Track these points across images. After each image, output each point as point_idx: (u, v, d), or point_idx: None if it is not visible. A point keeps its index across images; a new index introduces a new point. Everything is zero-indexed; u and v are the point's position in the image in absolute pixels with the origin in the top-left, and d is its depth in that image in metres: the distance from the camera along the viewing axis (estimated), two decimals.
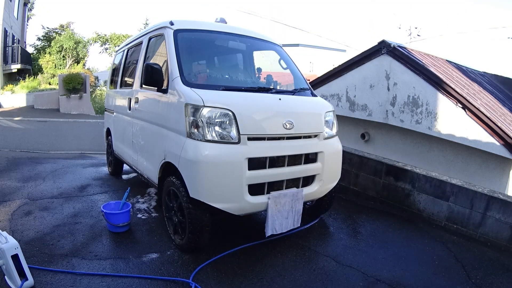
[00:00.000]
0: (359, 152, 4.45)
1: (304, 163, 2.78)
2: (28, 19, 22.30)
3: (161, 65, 2.86)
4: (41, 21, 47.52)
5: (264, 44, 3.60)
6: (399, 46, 5.92)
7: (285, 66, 3.48)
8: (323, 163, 2.86)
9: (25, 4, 20.55)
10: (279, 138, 2.64)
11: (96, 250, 2.69)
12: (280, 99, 2.78)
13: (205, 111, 2.39)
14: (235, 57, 3.72)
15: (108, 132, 4.81)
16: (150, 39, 3.43)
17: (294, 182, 2.77)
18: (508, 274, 2.68)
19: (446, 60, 7.35)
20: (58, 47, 19.64)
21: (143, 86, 3.03)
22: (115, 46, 21.44)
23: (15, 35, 18.06)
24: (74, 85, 13.88)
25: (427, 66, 5.63)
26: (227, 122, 2.43)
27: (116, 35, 22.34)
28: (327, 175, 2.94)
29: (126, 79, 4.13)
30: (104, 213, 2.97)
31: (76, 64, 19.79)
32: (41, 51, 20.30)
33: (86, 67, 20.66)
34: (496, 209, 3.18)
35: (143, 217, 3.38)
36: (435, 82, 5.42)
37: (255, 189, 2.52)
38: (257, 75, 3.67)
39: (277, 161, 2.63)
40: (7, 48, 16.53)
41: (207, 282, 2.30)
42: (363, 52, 6.39)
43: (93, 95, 17.79)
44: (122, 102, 3.98)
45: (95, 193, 4.08)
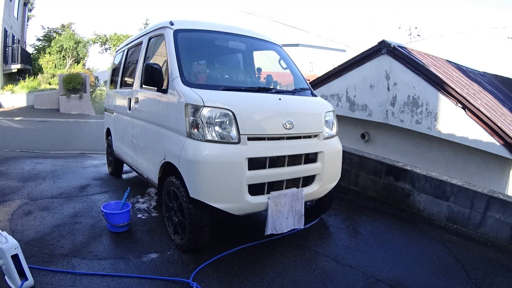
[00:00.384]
0: (359, 152, 4.45)
1: (304, 163, 2.78)
2: (28, 19, 22.30)
3: (161, 65, 2.86)
4: (41, 21, 47.61)
5: (264, 44, 3.60)
6: (399, 46, 5.92)
7: (285, 66, 3.48)
8: (323, 163, 2.86)
9: (25, 4, 20.54)
10: (279, 138, 2.64)
11: (96, 250, 2.69)
12: (280, 99, 2.78)
13: (205, 111, 2.39)
14: (235, 57, 3.72)
15: (108, 132, 4.81)
16: (150, 39, 3.43)
17: (294, 182, 2.77)
18: (508, 274, 2.68)
19: (446, 60, 7.35)
20: (58, 47, 19.65)
21: (143, 86, 3.03)
22: (115, 46, 21.44)
23: (15, 35, 18.06)
24: (74, 85, 13.89)
25: (427, 66, 5.63)
26: (227, 122, 2.43)
27: (116, 35, 22.34)
28: (327, 175, 2.94)
29: (126, 79, 4.13)
30: (104, 213, 2.97)
31: (76, 64, 19.80)
32: (41, 51, 20.31)
33: (86, 67, 20.67)
34: (496, 209, 3.18)
35: (143, 217, 3.38)
36: (435, 82, 5.42)
37: (255, 189, 2.53)
38: (257, 75, 3.67)
39: (277, 161, 2.63)
40: (7, 48, 16.53)
41: (207, 282, 2.31)
42: (363, 52, 6.39)
43: (93, 95, 17.81)
44: (122, 102, 3.98)
45: (95, 193, 4.08)
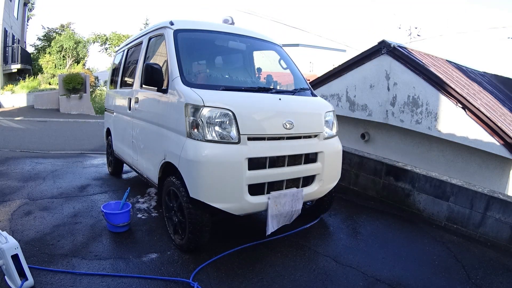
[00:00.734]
0: (359, 152, 4.45)
1: (304, 163, 2.78)
2: (28, 19, 22.32)
3: (161, 65, 2.86)
4: (41, 21, 47.60)
5: (264, 44, 3.60)
6: (399, 46, 5.92)
7: (285, 66, 3.48)
8: (323, 163, 2.86)
9: (25, 4, 20.55)
10: (279, 138, 2.64)
11: (96, 250, 2.69)
12: (280, 99, 2.78)
13: (205, 111, 2.39)
14: (235, 57, 3.72)
15: (108, 132, 4.81)
16: (150, 39, 3.43)
17: (294, 182, 2.77)
18: (508, 274, 2.68)
19: (446, 60, 7.35)
20: (58, 47, 19.64)
21: (143, 86, 3.03)
22: (115, 46, 21.43)
23: (15, 35, 18.06)
24: (74, 85, 13.88)
25: (427, 66, 5.63)
26: (227, 122, 2.43)
27: (116, 35, 22.33)
28: (327, 175, 2.94)
29: (126, 79, 4.13)
30: (104, 213, 2.97)
31: (76, 64, 19.79)
32: (41, 51, 20.31)
33: (86, 67, 20.66)
34: (496, 209, 3.18)
35: (143, 217, 3.38)
36: (435, 82, 5.42)
37: (255, 189, 2.52)
38: (257, 75, 3.67)
39: (277, 161, 2.63)
40: (7, 48, 16.54)
41: (207, 282, 2.31)
42: (363, 52, 6.39)
43: (93, 95, 17.79)
44: (122, 102, 3.98)
45: (95, 193, 4.08)
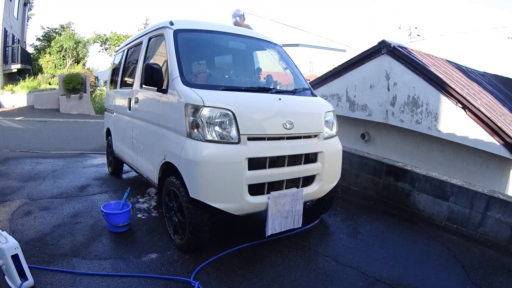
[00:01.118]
0: (359, 152, 4.45)
1: (304, 163, 2.78)
2: (28, 19, 22.32)
3: (161, 65, 2.86)
4: (41, 21, 47.59)
5: (264, 44, 3.60)
6: (399, 46, 5.92)
7: (285, 66, 3.48)
8: (323, 163, 2.86)
9: (25, 4, 20.55)
10: (279, 138, 2.64)
11: (96, 250, 2.69)
12: (280, 99, 2.78)
13: (205, 111, 2.39)
14: (235, 57, 3.72)
15: (108, 132, 4.81)
16: (150, 39, 3.42)
17: (294, 182, 2.77)
18: (508, 274, 2.68)
19: (446, 60, 7.35)
20: (58, 47, 19.64)
21: (143, 86, 3.03)
22: (115, 46, 21.44)
23: (15, 35, 18.06)
24: (74, 85, 13.87)
25: (427, 66, 5.63)
26: (227, 122, 2.43)
27: (116, 35, 22.34)
28: (327, 175, 2.94)
29: (126, 79, 4.13)
30: (104, 213, 2.97)
31: (76, 64, 19.79)
32: (41, 51, 20.31)
33: (86, 67, 20.65)
34: (496, 209, 3.18)
35: (143, 217, 3.38)
36: (435, 82, 5.42)
37: (255, 189, 2.52)
38: (257, 75, 3.67)
39: (277, 161, 2.63)
40: (7, 48, 16.54)
41: (207, 282, 2.31)
42: (363, 52, 6.39)
43: (93, 95, 17.77)
44: (122, 102, 3.98)
45: (95, 193, 4.08)
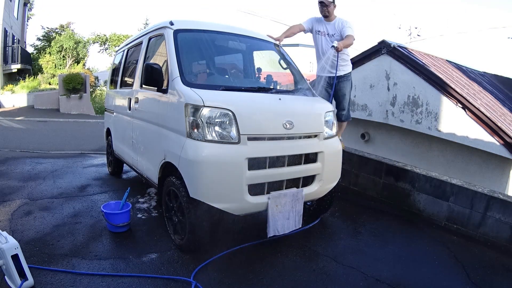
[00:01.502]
0: (359, 152, 4.45)
1: (304, 163, 2.78)
2: (28, 19, 22.31)
3: (161, 65, 2.86)
4: (41, 21, 47.63)
5: (264, 44, 3.60)
6: (399, 46, 5.92)
7: (285, 66, 3.48)
8: (323, 163, 2.86)
9: (25, 4, 20.55)
10: (279, 138, 2.64)
11: (96, 250, 2.69)
12: (280, 99, 2.78)
13: (205, 111, 2.39)
14: (235, 57, 3.72)
15: (108, 132, 4.81)
16: (150, 39, 3.42)
17: (294, 182, 2.77)
18: (508, 274, 2.68)
19: (446, 60, 7.35)
20: (58, 47, 19.65)
21: (143, 86, 3.03)
22: (115, 46, 21.44)
23: (15, 35, 18.06)
24: (74, 85, 13.87)
25: (427, 66, 5.63)
26: (227, 122, 2.43)
27: (116, 35, 22.34)
28: (327, 175, 2.94)
29: (126, 79, 4.13)
30: (104, 213, 2.97)
31: (76, 64, 19.79)
32: (41, 51, 20.31)
33: (86, 67, 20.66)
34: (496, 209, 3.18)
35: (143, 217, 3.38)
36: (435, 82, 5.42)
37: (255, 189, 2.52)
38: (257, 75, 3.67)
39: (277, 161, 2.62)
40: (7, 48, 16.55)
41: (207, 282, 2.30)
42: (363, 52, 6.39)
43: (93, 95, 17.78)
44: (122, 102, 3.98)
45: (95, 193, 4.08)
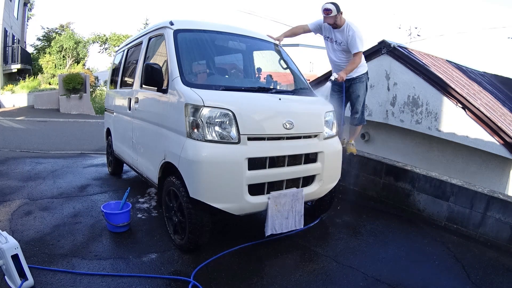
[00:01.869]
0: (359, 152, 4.45)
1: (304, 163, 2.78)
2: (28, 19, 22.32)
3: (161, 65, 2.86)
4: (41, 21, 47.65)
5: (264, 44, 3.60)
6: (399, 46, 5.91)
7: (285, 66, 3.48)
8: (323, 163, 2.86)
9: (25, 4, 20.56)
10: (279, 138, 2.64)
11: (96, 250, 2.69)
12: (280, 99, 2.78)
13: (205, 111, 2.39)
14: (235, 57, 3.72)
15: (108, 132, 4.81)
16: (150, 39, 3.43)
17: (294, 182, 2.77)
18: (508, 274, 2.68)
19: (446, 60, 7.35)
20: (58, 47, 19.64)
21: (143, 86, 3.03)
22: (115, 46, 21.44)
23: (15, 35, 18.06)
24: (74, 85, 13.88)
25: (427, 66, 5.63)
26: (227, 122, 2.43)
27: (116, 35, 22.34)
28: (327, 175, 2.94)
29: (126, 79, 4.13)
30: (104, 213, 2.97)
31: (76, 64, 19.79)
32: (41, 51, 20.31)
33: (86, 67, 20.65)
34: (496, 209, 3.18)
35: (143, 217, 3.38)
36: (435, 82, 5.42)
37: (255, 189, 2.52)
38: (257, 75, 3.67)
39: (277, 161, 2.63)
40: (7, 48, 16.54)
41: (207, 282, 2.30)
42: (363, 52, 6.37)
43: (93, 95, 17.78)
44: (122, 102, 3.98)
45: (95, 193, 4.08)
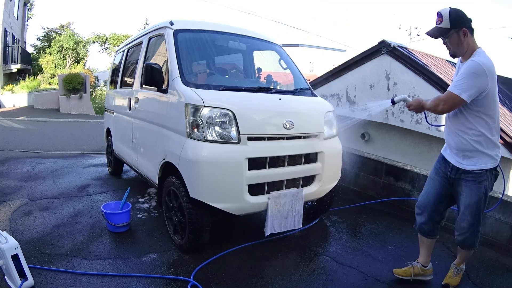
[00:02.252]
0: (359, 152, 4.45)
1: (304, 163, 2.78)
2: (28, 19, 22.33)
3: (161, 65, 2.86)
4: (41, 21, 47.67)
5: (264, 44, 3.60)
6: (399, 46, 5.92)
7: (285, 66, 3.48)
8: (323, 163, 2.86)
9: (25, 4, 20.56)
10: (279, 138, 2.64)
11: (96, 250, 2.69)
12: (280, 99, 2.78)
13: (205, 111, 2.39)
14: (235, 57, 3.72)
15: (108, 132, 4.81)
16: (150, 39, 3.43)
17: (294, 182, 2.77)
18: (508, 274, 2.68)
19: (446, 60, 7.35)
20: (58, 47, 19.63)
21: (143, 86, 3.03)
22: (115, 46, 21.43)
23: (15, 35, 18.06)
24: (74, 85, 13.88)
25: (427, 66, 5.63)
26: (227, 122, 2.43)
27: (116, 35, 22.33)
28: (327, 175, 2.94)
29: (126, 79, 4.14)
30: (104, 213, 2.97)
31: (76, 64, 19.78)
32: (41, 51, 20.31)
33: (86, 67, 20.65)
34: (496, 209, 3.18)
35: (143, 217, 3.38)
36: (435, 82, 5.42)
37: (255, 189, 2.53)
38: (257, 75, 3.67)
39: (277, 161, 2.63)
40: (7, 48, 16.54)
41: (207, 282, 2.31)
42: (363, 52, 6.39)
43: (93, 95, 17.78)
44: (122, 102, 3.98)
45: (95, 193, 4.08)
